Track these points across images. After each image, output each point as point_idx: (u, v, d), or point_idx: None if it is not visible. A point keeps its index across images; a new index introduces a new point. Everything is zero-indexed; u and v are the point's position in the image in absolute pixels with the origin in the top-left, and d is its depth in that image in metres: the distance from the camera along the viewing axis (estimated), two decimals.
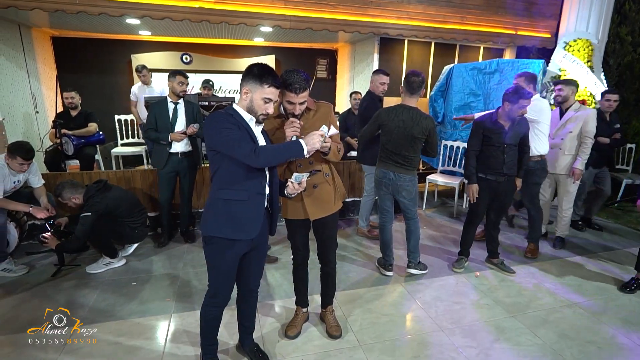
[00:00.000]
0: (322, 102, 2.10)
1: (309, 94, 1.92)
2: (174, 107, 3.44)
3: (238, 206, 1.72)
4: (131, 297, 2.73)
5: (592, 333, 2.43)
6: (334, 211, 2.17)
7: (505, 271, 3.17)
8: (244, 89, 1.69)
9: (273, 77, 1.67)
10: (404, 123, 2.76)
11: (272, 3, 4.46)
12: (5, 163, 2.92)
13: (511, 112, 2.81)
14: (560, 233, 3.74)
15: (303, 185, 1.82)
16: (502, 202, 3.09)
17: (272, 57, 7.03)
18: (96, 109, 4.74)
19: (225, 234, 1.73)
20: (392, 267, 3.12)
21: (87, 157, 4.32)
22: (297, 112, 1.90)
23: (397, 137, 2.80)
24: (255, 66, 1.68)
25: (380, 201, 3.05)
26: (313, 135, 1.69)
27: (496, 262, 3.24)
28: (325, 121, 2.04)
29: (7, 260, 3.00)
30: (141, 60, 6.47)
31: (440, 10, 5.14)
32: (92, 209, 2.92)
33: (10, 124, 4.48)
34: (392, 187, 2.92)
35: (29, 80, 5.05)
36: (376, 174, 3.01)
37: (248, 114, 1.73)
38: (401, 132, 2.78)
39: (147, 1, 4.07)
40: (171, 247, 3.59)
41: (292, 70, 1.84)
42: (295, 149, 1.67)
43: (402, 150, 2.82)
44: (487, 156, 2.95)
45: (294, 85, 1.81)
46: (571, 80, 3.60)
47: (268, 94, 1.67)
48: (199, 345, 2.03)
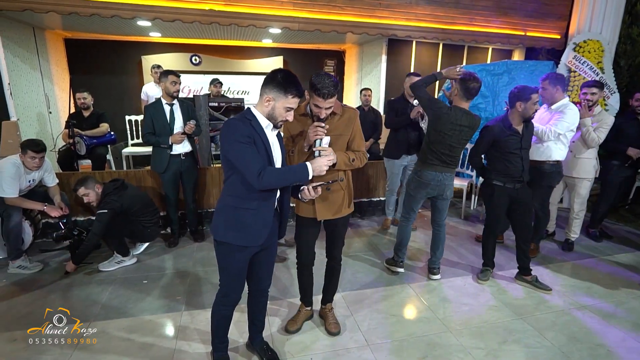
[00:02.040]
0: (348, 107, 2.09)
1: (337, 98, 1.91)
2: (170, 109, 3.41)
3: (247, 214, 1.74)
4: (143, 295, 2.78)
5: (601, 336, 2.42)
6: (344, 215, 2.19)
7: (541, 289, 2.94)
8: (267, 97, 1.66)
9: (297, 87, 1.65)
10: (461, 128, 2.69)
11: (280, 5, 4.50)
12: (20, 162, 2.99)
13: (526, 110, 2.72)
14: (571, 236, 3.72)
15: (319, 191, 1.82)
16: (524, 210, 2.95)
17: (280, 58, 7.08)
18: (107, 109, 4.82)
19: (234, 241, 1.76)
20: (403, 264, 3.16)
21: (98, 157, 4.39)
22: (323, 116, 1.90)
23: (452, 140, 2.71)
24: (279, 73, 1.64)
25: (414, 202, 2.97)
26: (321, 160, 1.68)
27: (530, 280, 3.00)
28: (350, 127, 2.07)
29: (22, 257, 3.07)
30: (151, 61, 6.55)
31: (448, 11, 5.13)
32: (108, 207, 3.00)
33: (24, 124, 4.57)
34: (439, 188, 2.84)
35: (42, 81, 5.15)
36: (423, 177, 2.84)
37: (266, 120, 1.71)
38: (457, 136, 2.70)
39: (158, 3, 4.13)
40: (181, 246, 3.64)
41: (322, 75, 1.83)
42: (301, 174, 1.68)
43: (453, 152, 2.76)
44: (505, 164, 2.83)
45: (322, 91, 1.81)
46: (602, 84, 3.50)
47: (292, 103, 1.67)
48: (209, 343, 2.07)
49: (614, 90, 4.75)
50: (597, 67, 4.78)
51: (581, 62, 4.83)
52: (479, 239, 3.68)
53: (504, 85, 4.75)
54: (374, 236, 3.99)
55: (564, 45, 5.33)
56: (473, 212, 4.84)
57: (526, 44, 5.72)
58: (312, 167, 1.68)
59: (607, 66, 4.85)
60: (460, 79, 2.65)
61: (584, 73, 4.81)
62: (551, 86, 3.13)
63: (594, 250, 3.74)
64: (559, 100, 3.17)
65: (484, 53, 6.27)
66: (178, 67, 6.40)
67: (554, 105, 3.20)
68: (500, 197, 2.91)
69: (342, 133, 2.06)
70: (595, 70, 4.77)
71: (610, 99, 4.72)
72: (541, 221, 3.43)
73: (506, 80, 4.74)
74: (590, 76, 4.80)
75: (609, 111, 4.68)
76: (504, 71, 4.73)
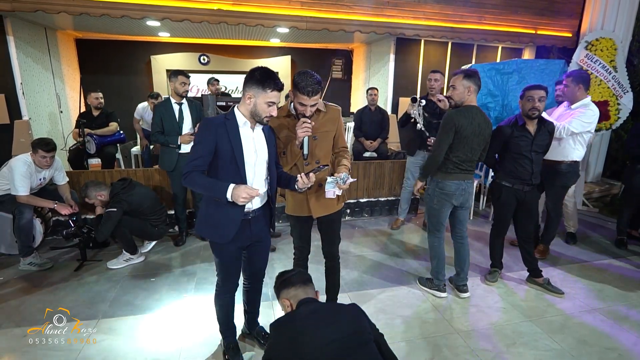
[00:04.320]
0: (332, 105, 2.13)
1: (321, 96, 1.94)
2: (179, 108, 3.45)
3: (216, 212, 1.81)
4: (150, 293, 2.80)
5: (613, 339, 2.37)
6: (336, 210, 2.22)
7: (553, 292, 2.86)
8: (247, 94, 1.72)
9: (275, 81, 1.69)
10: (480, 127, 2.52)
11: (288, 4, 4.50)
12: (32, 160, 3.04)
13: (523, 107, 2.70)
14: (572, 229, 3.79)
15: (312, 178, 1.85)
16: (529, 212, 2.91)
17: (288, 57, 7.09)
18: (116, 108, 4.87)
19: (209, 237, 1.89)
20: (446, 288, 2.90)
21: (108, 155, 4.44)
22: (308, 113, 1.93)
23: (473, 143, 2.55)
24: (256, 71, 1.71)
25: (441, 216, 2.73)
26: (241, 190, 1.65)
27: (541, 282, 2.93)
28: (335, 123, 2.11)
29: (33, 254, 3.12)
30: (160, 61, 6.62)
31: (457, 10, 5.08)
32: (117, 205, 3.04)
33: (36, 124, 4.64)
34: (463, 197, 2.68)
35: (53, 81, 5.23)
36: (445, 188, 2.65)
37: (243, 118, 1.77)
38: (476, 137, 2.53)
39: (167, 3, 4.16)
40: (188, 245, 3.66)
41: (305, 72, 1.86)
42: (220, 192, 1.68)
43: (473, 156, 2.61)
44: (514, 164, 2.77)
45: (306, 89, 1.84)
46: None
47: (271, 97, 1.71)
48: (215, 341, 2.10)
49: (627, 90, 4.65)
50: (609, 66, 4.69)
51: (593, 61, 4.74)
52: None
53: (513, 84, 4.67)
54: (381, 236, 3.97)
55: (576, 44, 5.24)
56: (482, 212, 4.80)
57: (537, 42, 5.64)
58: (231, 192, 1.66)
59: (620, 65, 4.75)
60: (466, 75, 2.50)
61: (596, 72, 4.72)
62: (573, 84, 3.10)
63: (605, 252, 3.67)
64: (580, 99, 3.13)
65: (493, 52, 6.20)
66: (186, 67, 6.45)
67: (574, 104, 3.15)
68: (508, 198, 2.86)
69: (329, 130, 2.11)
70: (608, 68, 4.68)
71: (624, 98, 4.62)
72: (552, 222, 3.37)
73: (516, 80, 4.67)
74: (603, 75, 4.71)
75: (622, 110, 4.60)
76: (514, 70, 4.66)
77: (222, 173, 1.77)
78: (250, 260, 2.07)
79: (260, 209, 1.94)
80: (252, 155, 1.81)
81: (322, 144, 2.08)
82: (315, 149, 2.06)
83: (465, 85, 2.50)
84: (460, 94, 2.53)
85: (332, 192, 1.93)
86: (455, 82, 2.54)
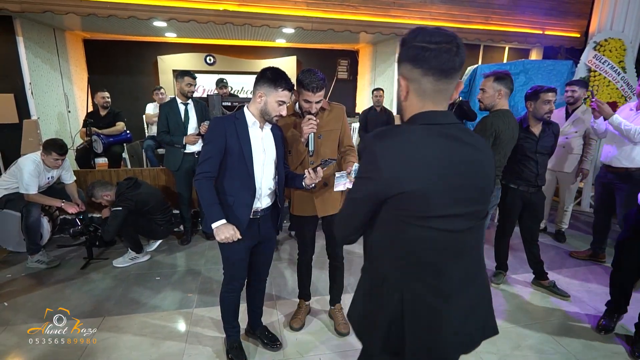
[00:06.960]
0: (335, 104, 2.15)
1: (325, 93, 1.97)
2: (185, 108, 3.47)
3: (224, 210, 1.81)
4: (155, 291, 2.82)
5: (619, 343, 2.33)
6: None
7: (559, 295, 2.83)
8: (259, 93, 1.75)
9: (286, 80, 1.75)
10: (513, 132, 2.43)
11: (294, 5, 4.51)
12: (41, 160, 3.08)
13: (536, 110, 2.65)
14: (562, 227, 3.92)
15: (319, 173, 1.86)
16: (534, 214, 2.87)
17: (294, 58, 7.10)
18: (123, 108, 4.91)
19: None
20: None
21: (114, 155, 4.49)
22: (314, 110, 1.96)
23: (507, 149, 2.46)
24: (268, 70, 1.75)
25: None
26: (226, 231, 1.73)
27: (547, 285, 2.90)
28: (339, 122, 2.13)
29: (41, 252, 3.15)
30: (166, 61, 6.67)
31: (463, 10, 5.05)
32: (123, 204, 3.07)
33: (44, 123, 4.69)
34: (492, 203, 2.65)
35: (62, 81, 5.28)
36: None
37: (253, 118, 1.80)
38: (509, 143, 2.45)
39: (174, 4, 4.19)
40: (193, 244, 3.68)
41: (308, 70, 1.91)
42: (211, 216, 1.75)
43: (504, 162, 2.54)
44: (520, 166, 2.74)
45: (311, 85, 1.87)
46: (586, 83, 3.54)
47: (282, 96, 1.74)
48: (220, 340, 2.11)
49: None
50: (618, 67, 4.64)
51: (602, 62, 4.69)
52: (573, 255, 3.53)
53: (520, 85, 4.64)
54: None
55: (584, 44, 5.19)
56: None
57: (544, 42, 5.59)
58: (218, 225, 1.74)
59: (630, 65, 4.70)
60: (497, 77, 2.40)
61: (605, 73, 4.67)
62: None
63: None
64: None
65: (500, 52, 6.16)
66: (193, 67, 6.49)
67: None
68: (514, 199, 2.84)
69: (333, 128, 2.12)
70: (617, 69, 4.63)
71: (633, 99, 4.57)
72: None
73: (523, 80, 4.64)
74: (612, 76, 4.66)
75: None
76: (521, 71, 4.63)
77: (232, 172, 1.79)
78: (255, 259, 2.09)
79: (268, 208, 1.96)
80: (261, 155, 1.83)
81: (327, 142, 2.10)
82: (320, 147, 2.07)
83: (495, 88, 2.41)
84: (490, 97, 2.43)
85: (342, 185, 1.92)
86: (485, 85, 2.43)
